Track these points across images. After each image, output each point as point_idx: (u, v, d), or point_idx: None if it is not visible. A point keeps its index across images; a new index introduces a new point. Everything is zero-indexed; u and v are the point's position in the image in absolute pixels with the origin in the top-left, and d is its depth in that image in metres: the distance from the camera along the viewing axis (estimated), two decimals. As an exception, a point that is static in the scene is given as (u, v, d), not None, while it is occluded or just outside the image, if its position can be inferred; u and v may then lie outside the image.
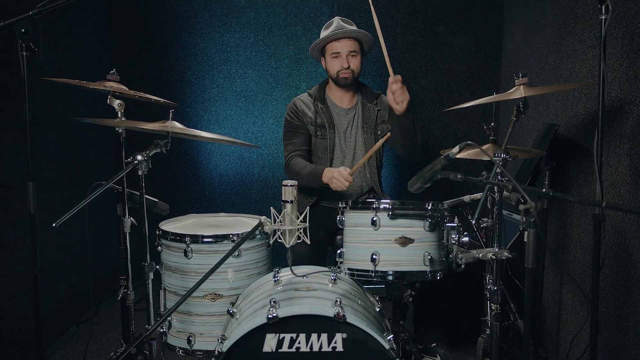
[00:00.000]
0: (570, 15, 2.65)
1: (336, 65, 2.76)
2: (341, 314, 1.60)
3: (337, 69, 2.75)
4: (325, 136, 2.79)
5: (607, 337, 2.23)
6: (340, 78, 2.76)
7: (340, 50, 2.74)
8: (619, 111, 2.18)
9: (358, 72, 2.79)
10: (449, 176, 1.67)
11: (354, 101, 2.89)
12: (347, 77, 2.75)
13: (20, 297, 2.58)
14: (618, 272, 2.18)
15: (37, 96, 2.77)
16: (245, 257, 2.23)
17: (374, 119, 2.83)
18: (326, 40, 2.76)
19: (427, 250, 1.86)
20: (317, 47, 2.83)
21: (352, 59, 2.75)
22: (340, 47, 2.74)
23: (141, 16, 3.83)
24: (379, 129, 2.84)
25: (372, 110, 2.84)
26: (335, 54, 2.75)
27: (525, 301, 1.56)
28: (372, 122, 2.83)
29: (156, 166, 2.19)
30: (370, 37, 2.79)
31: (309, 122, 2.80)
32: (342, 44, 2.74)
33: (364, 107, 2.86)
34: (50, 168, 2.95)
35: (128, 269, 2.19)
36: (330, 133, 2.79)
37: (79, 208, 1.73)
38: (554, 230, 2.76)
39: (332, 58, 2.77)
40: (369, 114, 2.84)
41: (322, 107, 2.81)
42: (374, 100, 2.87)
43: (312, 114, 2.81)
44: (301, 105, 2.84)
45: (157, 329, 1.86)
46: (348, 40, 2.74)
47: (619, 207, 2.10)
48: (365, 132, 2.83)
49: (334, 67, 2.77)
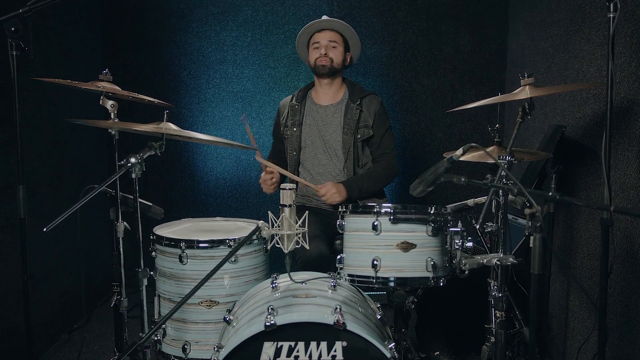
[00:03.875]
0: (577, 13, 2.66)
1: (315, 54, 2.83)
2: (341, 321, 1.60)
3: (316, 57, 2.82)
4: (292, 135, 2.87)
5: (616, 345, 2.23)
6: (318, 66, 2.80)
7: (320, 40, 2.82)
8: (628, 112, 2.19)
9: (338, 63, 2.82)
10: (452, 179, 1.67)
11: (337, 98, 2.90)
12: (324, 65, 2.78)
13: (10, 304, 2.57)
14: (626, 278, 2.18)
15: (27, 97, 2.77)
16: (242, 263, 2.23)
17: (355, 120, 2.81)
18: (309, 32, 2.86)
19: (429, 256, 1.86)
20: (302, 42, 2.92)
21: (331, 48, 2.81)
22: (321, 37, 2.82)
23: (135, 14, 3.84)
24: (359, 132, 2.81)
25: (354, 111, 2.83)
26: (316, 44, 2.83)
27: (531, 308, 1.56)
28: (352, 123, 2.81)
29: (150, 169, 2.19)
30: (354, 33, 2.85)
31: (283, 124, 2.92)
32: (323, 34, 2.83)
33: (347, 107, 2.85)
34: (41, 171, 2.95)
35: (121, 275, 2.19)
36: (294, 131, 2.87)
37: (70, 212, 1.72)
38: (560, 235, 2.76)
39: (313, 49, 2.85)
40: (350, 115, 2.82)
41: (295, 105, 2.90)
42: (358, 100, 2.84)
43: (286, 113, 2.92)
44: (281, 106, 2.99)
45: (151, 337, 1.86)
46: (329, 31, 2.83)
47: (627, 212, 2.10)
48: (345, 133, 2.81)
49: (312, 57, 2.84)
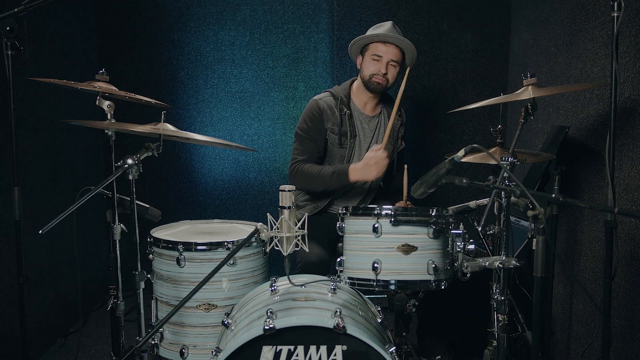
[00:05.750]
0: (581, 12, 2.66)
1: (373, 67, 2.70)
2: (341, 325, 1.60)
3: (373, 72, 2.70)
4: (345, 145, 2.75)
5: (620, 349, 2.23)
6: (373, 82, 2.71)
7: (383, 55, 2.69)
8: (632, 113, 2.19)
9: (391, 83, 2.76)
10: (453, 181, 1.67)
11: (377, 109, 2.86)
12: (380, 83, 2.70)
13: (5, 307, 2.57)
14: (631, 281, 2.18)
15: (22, 97, 2.77)
16: (240, 266, 2.23)
17: (396, 131, 2.83)
18: (373, 39, 2.71)
19: (431, 259, 1.86)
20: (360, 44, 2.77)
21: (391, 67, 2.71)
22: (385, 52, 2.69)
23: (131, 13, 3.84)
24: (397, 143, 2.85)
25: (397, 122, 2.83)
26: (377, 57, 2.69)
27: (534, 312, 1.56)
28: (394, 134, 2.82)
29: (147, 170, 2.20)
30: (414, 53, 2.76)
31: (331, 130, 2.74)
32: (388, 48, 2.69)
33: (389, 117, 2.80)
34: (37, 172, 2.95)
35: (118, 278, 2.19)
36: (351, 142, 2.75)
37: (66, 214, 1.73)
38: (563, 237, 2.77)
39: (371, 59, 2.71)
40: (394, 125, 2.79)
41: (347, 114, 2.75)
42: (398, 112, 2.79)
43: (335, 120, 2.73)
44: (325, 109, 2.74)
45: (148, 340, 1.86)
46: (395, 47, 2.70)
47: (632, 214, 2.10)
48: (389, 144, 2.77)
49: (369, 69, 2.71)
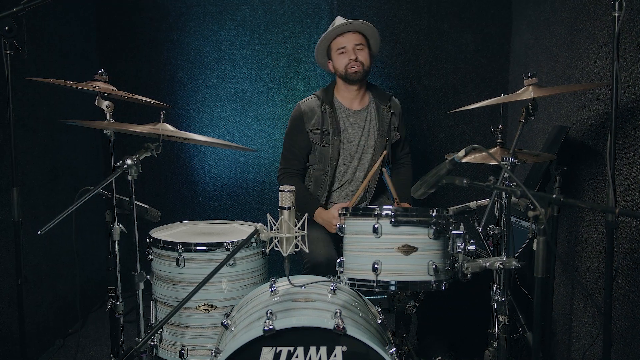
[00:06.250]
0: (582, 12, 2.67)
1: (344, 60, 2.74)
2: (341, 326, 1.60)
3: (345, 63, 2.73)
4: (328, 143, 2.77)
5: (621, 351, 2.23)
6: (350, 72, 2.73)
7: (346, 45, 2.74)
8: (633, 113, 2.19)
9: (368, 66, 2.77)
10: (454, 181, 1.67)
11: (365, 102, 2.88)
12: (357, 71, 2.72)
13: (4, 308, 2.57)
14: (632, 282, 2.18)
15: (21, 97, 2.77)
16: (240, 267, 2.23)
17: (387, 123, 2.84)
18: (330, 37, 2.77)
19: (431, 259, 1.86)
20: (322, 48, 2.83)
21: (359, 51, 2.74)
22: (346, 41, 2.74)
23: (131, 13, 3.84)
24: (390, 135, 2.85)
25: (387, 113, 2.84)
26: (342, 49, 2.75)
27: (535, 312, 1.56)
28: (385, 126, 2.83)
29: (147, 171, 2.20)
30: (375, 31, 2.80)
31: (313, 131, 2.78)
32: (347, 37, 2.74)
33: (378, 109, 2.85)
34: (36, 173, 2.95)
35: (117, 279, 2.19)
36: (335, 140, 2.77)
37: (65, 215, 1.73)
38: (564, 238, 2.77)
39: (338, 55, 2.76)
40: (383, 117, 2.83)
41: (329, 111, 2.78)
42: (387, 102, 2.86)
43: (317, 119, 2.78)
44: (306, 110, 2.80)
45: (147, 341, 1.86)
46: (352, 33, 2.75)
47: (633, 214, 2.10)
48: (380, 136, 2.82)
49: (341, 63, 2.75)
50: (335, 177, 2.83)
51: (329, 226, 2.63)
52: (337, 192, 2.87)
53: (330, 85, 2.90)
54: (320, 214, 2.69)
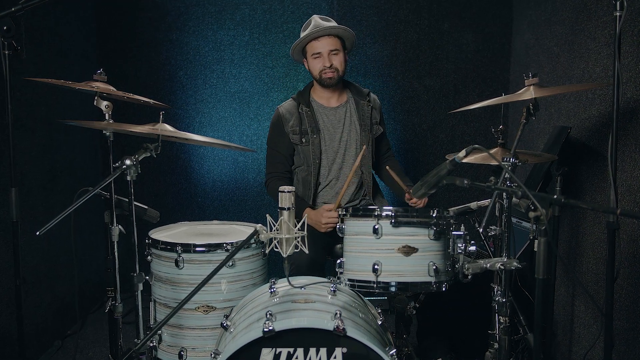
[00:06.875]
0: (583, 12, 2.67)
1: (318, 65, 2.77)
2: (341, 327, 1.60)
3: (320, 69, 2.76)
4: (308, 142, 2.80)
5: (622, 352, 2.23)
6: (324, 78, 2.76)
7: (321, 50, 2.75)
8: (635, 113, 2.19)
9: (342, 71, 2.79)
10: (454, 182, 1.67)
11: (343, 98, 2.90)
12: (331, 77, 2.75)
13: (2, 309, 2.57)
14: (633, 283, 2.18)
15: (20, 97, 2.77)
16: (239, 267, 2.23)
17: (368, 117, 2.86)
18: (305, 41, 2.78)
19: (431, 260, 1.86)
20: (298, 49, 2.85)
21: (334, 57, 2.75)
22: (321, 47, 2.75)
23: (130, 13, 3.84)
24: (373, 129, 2.87)
25: (366, 107, 2.87)
26: (316, 54, 2.76)
27: (536, 314, 1.56)
28: (367, 120, 2.85)
29: (146, 171, 2.19)
30: (351, 33, 2.81)
31: (292, 132, 2.81)
32: (322, 42, 2.75)
33: (357, 104, 2.87)
34: (34, 173, 2.95)
35: (116, 280, 2.19)
36: (314, 138, 2.79)
37: (64, 215, 1.73)
38: (565, 239, 2.77)
39: (313, 59, 2.78)
40: (363, 112, 2.86)
41: (306, 111, 2.81)
42: (366, 97, 2.89)
43: (295, 120, 2.81)
44: (284, 113, 2.84)
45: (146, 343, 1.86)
46: (328, 37, 2.75)
47: (634, 215, 2.10)
48: (363, 130, 2.84)
49: (316, 68, 2.78)
50: (321, 175, 2.84)
51: (318, 226, 2.64)
52: (326, 191, 2.87)
53: (307, 87, 2.94)
54: (308, 214, 2.69)
